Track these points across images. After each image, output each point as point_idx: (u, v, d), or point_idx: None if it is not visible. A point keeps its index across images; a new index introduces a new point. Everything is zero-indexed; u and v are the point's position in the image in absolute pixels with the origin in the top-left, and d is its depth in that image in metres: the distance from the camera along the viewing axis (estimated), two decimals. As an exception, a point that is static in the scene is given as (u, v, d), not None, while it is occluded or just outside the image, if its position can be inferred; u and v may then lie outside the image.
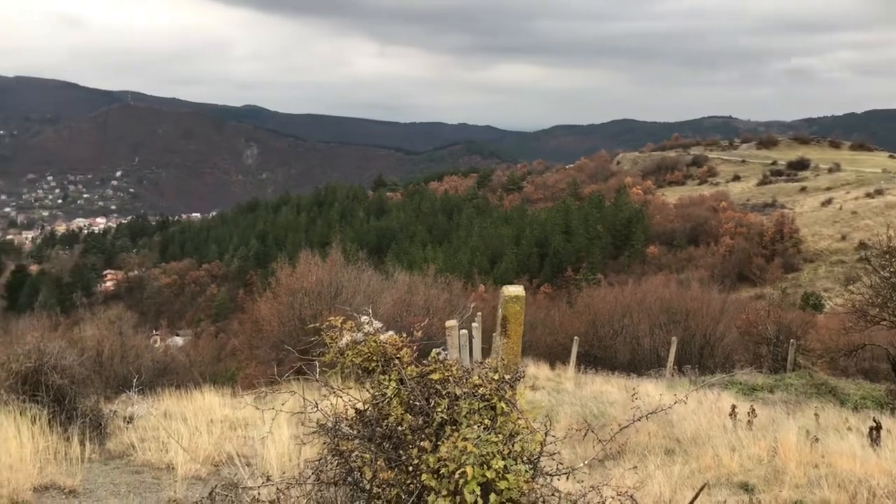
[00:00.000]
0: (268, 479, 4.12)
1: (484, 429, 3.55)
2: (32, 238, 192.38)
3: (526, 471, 3.49)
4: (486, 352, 15.36)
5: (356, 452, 3.76)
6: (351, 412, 4.00)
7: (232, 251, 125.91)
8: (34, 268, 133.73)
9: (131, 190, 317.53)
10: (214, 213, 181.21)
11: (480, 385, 3.76)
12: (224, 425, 10.83)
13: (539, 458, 3.73)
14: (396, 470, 3.57)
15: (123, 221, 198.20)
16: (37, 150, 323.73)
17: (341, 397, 4.09)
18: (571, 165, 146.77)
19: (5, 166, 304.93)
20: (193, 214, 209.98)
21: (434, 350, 4.06)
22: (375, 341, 3.96)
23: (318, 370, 4.10)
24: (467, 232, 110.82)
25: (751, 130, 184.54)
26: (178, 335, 70.18)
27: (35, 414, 7.60)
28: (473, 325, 13.72)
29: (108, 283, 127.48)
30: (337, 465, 3.83)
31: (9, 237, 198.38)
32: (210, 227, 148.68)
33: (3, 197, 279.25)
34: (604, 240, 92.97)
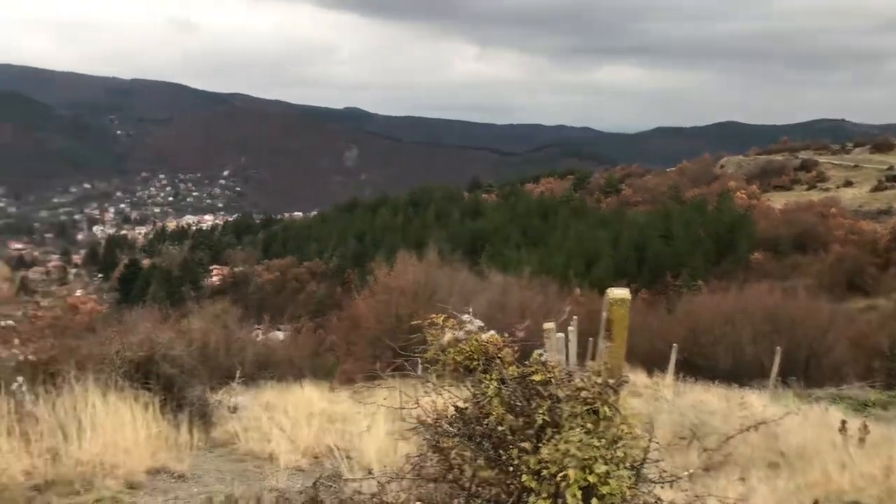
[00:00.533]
0: (369, 473, 4.19)
1: (586, 433, 3.50)
2: (145, 233, 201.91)
3: (629, 477, 3.43)
4: (581, 356, 15.15)
5: (456, 450, 3.78)
6: (451, 410, 4.03)
7: (331, 250, 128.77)
8: (146, 262, 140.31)
9: (237, 189, 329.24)
10: (315, 213, 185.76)
11: (583, 388, 3.71)
12: (323, 418, 11.09)
13: (642, 464, 3.65)
14: (496, 469, 3.57)
15: (229, 219, 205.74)
16: (150, 149, 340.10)
17: (441, 395, 4.12)
18: (672, 168, 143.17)
19: (121, 165, 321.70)
20: (295, 213, 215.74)
21: (535, 351, 4.04)
22: (477, 340, 3.97)
23: (419, 367, 4.14)
24: (563, 234, 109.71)
25: (864, 134, 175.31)
26: (278, 330, 72.22)
27: (147, 401, 7.96)
28: (570, 328, 13.57)
29: (214, 278, 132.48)
30: (437, 462, 3.86)
31: (123, 232, 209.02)
32: (311, 226, 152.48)
33: (119, 194, 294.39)
34: (705, 245, 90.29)
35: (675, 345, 21.23)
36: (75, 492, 5.87)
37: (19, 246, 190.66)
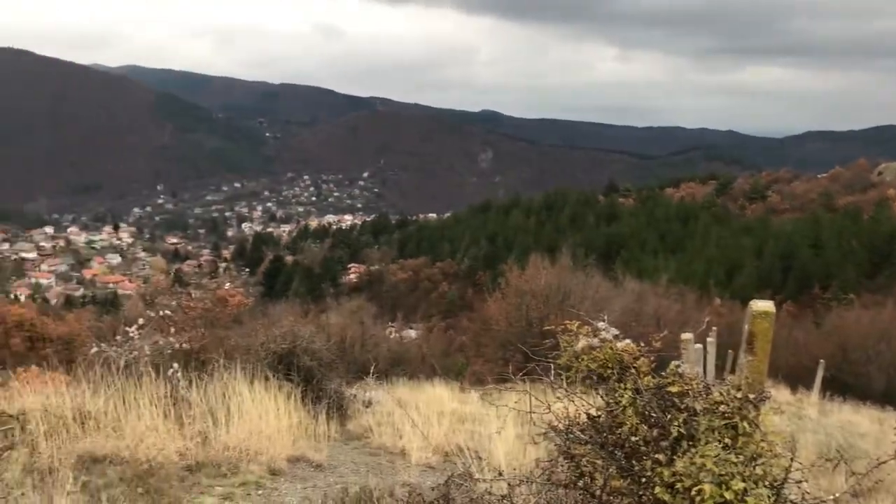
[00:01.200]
0: (499, 474, 4.24)
1: (723, 448, 3.40)
2: (289, 231, 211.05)
3: (768, 496, 3.30)
4: (720, 369, 14.59)
5: (587, 457, 3.76)
6: (583, 417, 4.01)
7: (463, 251, 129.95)
8: (289, 258, 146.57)
9: (375, 190, 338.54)
10: (449, 214, 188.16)
11: (722, 402, 3.60)
12: (453, 418, 11.23)
13: (783, 484, 3.51)
14: (629, 480, 3.53)
15: (367, 219, 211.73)
16: (296, 151, 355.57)
17: (573, 401, 4.10)
18: (824, 175, 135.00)
19: (269, 166, 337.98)
20: (430, 214, 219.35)
21: (673, 362, 3.96)
22: (612, 348, 3.93)
23: (551, 372, 4.14)
24: (703, 242, 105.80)
25: None
26: (411, 328, 73.75)
27: (289, 392, 8.34)
28: (708, 339, 13.09)
29: (352, 276, 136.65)
30: (567, 468, 3.86)
31: (269, 230, 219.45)
32: (444, 227, 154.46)
33: (266, 193, 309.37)
34: (859, 256, 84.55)
35: (822, 361, 20.06)
36: (222, 474, 6.25)
37: (175, 240, 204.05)
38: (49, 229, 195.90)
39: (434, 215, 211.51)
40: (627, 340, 4.11)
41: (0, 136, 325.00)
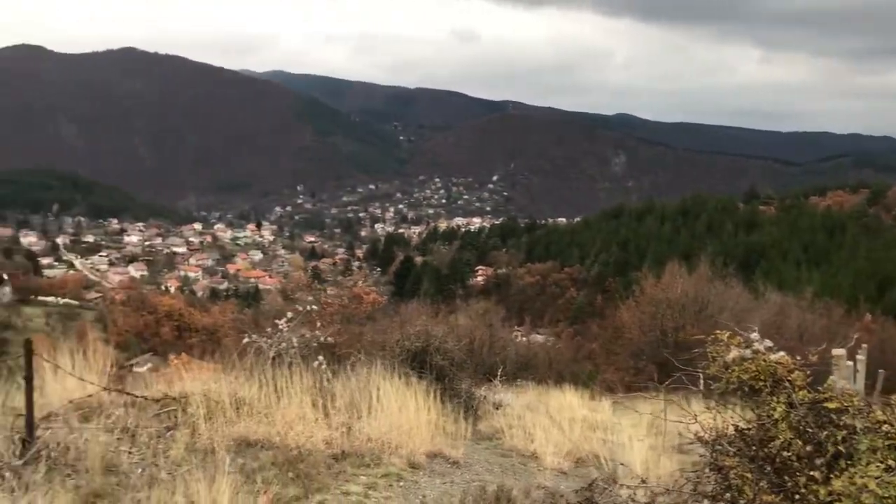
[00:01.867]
0: (642, 482, 4.21)
1: (886, 469, 3.25)
2: (419, 233, 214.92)
3: (935, 524, 3.12)
4: (869, 388, 13.72)
5: (736, 470, 3.68)
6: (731, 429, 3.92)
7: (593, 256, 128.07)
8: (419, 259, 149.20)
9: (505, 193, 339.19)
10: (579, 219, 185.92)
11: (885, 422, 3.45)
12: (584, 425, 11.15)
13: (951, 513, 3.30)
14: (780, 495, 3.43)
15: (496, 222, 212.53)
16: (428, 154, 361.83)
17: (721, 413, 4.03)
18: None
19: (402, 168, 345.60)
20: (559, 219, 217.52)
21: (830, 378, 3.81)
22: (765, 360, 3.83)
23: (699, 382, 4.08)
24: (851, 254, 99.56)
25: None
26: (538, 333, 73.40)
27: (425, 388, 8.56)
28: (858, 356, 12.36)
29: (479, 278, 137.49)
30: (714, 481, 3.79)
31: (400, 230, 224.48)
32: (574, 232, 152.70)
33: (399, 195, 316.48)
34: None
35: None
36: (366, 465, 6.51)
37: (312, 239, 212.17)
38: (198, 226, 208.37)
39: (563, 220, 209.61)
40: (781, 353, 3.99)
41: (157, 137, 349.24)
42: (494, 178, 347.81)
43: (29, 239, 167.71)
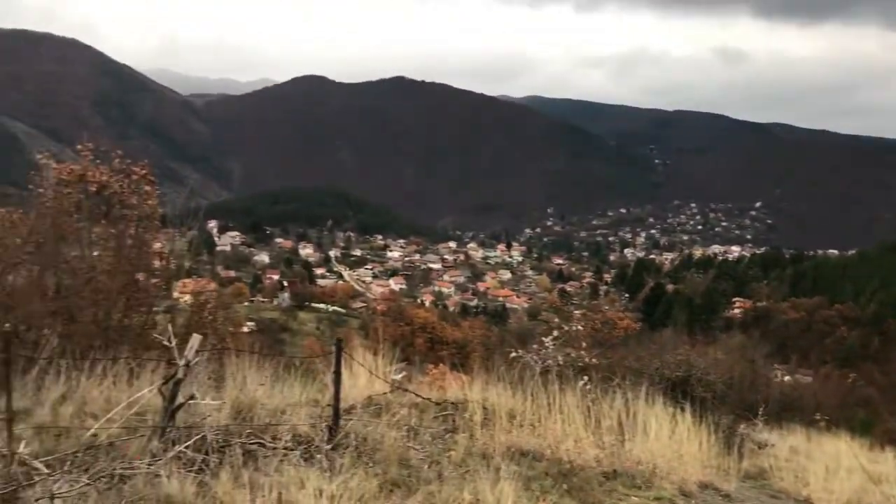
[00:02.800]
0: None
1: None
2: (671, 259, 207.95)
3: None
4: None
5: None
6: None
7: (869, 294, 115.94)
8: (670, 287, 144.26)
9: (768, 221, 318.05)
10: (853, 251, 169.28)
11: None
12: (861, 476, 10.33)
13: None
14: None
15: (757, 251, 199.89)
16: (684, 178, 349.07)
17: None
18: None
19: (656, 193, 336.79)
20: (830, 251, 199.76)
21: None
22: None
23: None
24: None
25: None
26: (802, 373, 67.91)
27: (693, 418, 8.45)
28: None
29: (736, 310, 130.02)
30: None
31: (651, 256, 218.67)
32: (847, 265, 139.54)
33: (651, 220, 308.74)
34: None
35: None
36: (637, 486, 6.62)
37: (560, 261, 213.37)
38: (452, 244, 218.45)
39: (835, 252, 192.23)
40: None
41: (421, 160, 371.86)
42: (757, 204, 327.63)
43: (306, 251, 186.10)
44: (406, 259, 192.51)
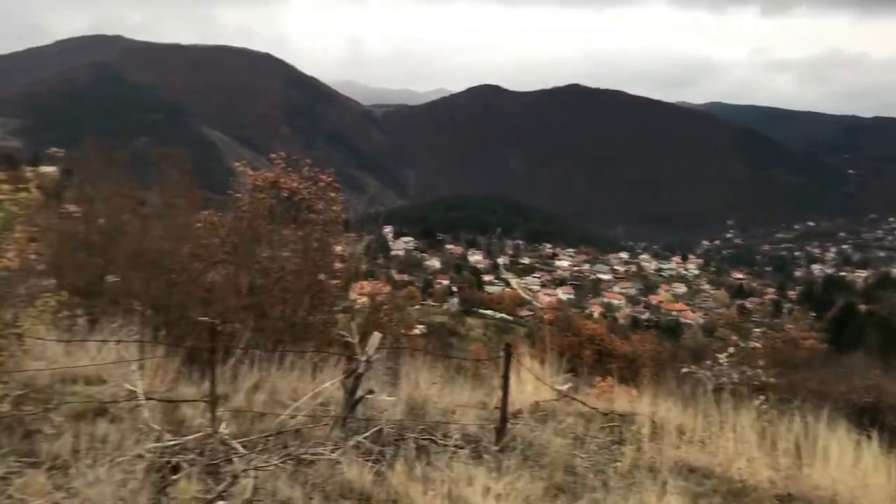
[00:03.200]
0: None
1: None
2: (865, 278, 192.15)
3: None
4: None
5: None
6: None
7: None
8: (862, 307, 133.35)
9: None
10: None
11: None
12: None
13: None
14: None
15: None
16: (882, 190, 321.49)
17: None
18: None
19: (849, 205, 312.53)
20: None
21: None
22: None
23: None
24: None
25: None
26: None
27: (877, 447, 7.86)
28: None
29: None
30: None
31: (842, 274, 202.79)
32: None
33: (843, 234, 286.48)
34: None
35: None
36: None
37: (740, 275, 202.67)
38: (624, 255, 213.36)
39: None
40: None
41: (594, 168, 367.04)
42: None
43: (475, 257, 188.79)
44: (575, 269, 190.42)
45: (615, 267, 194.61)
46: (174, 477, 5.21)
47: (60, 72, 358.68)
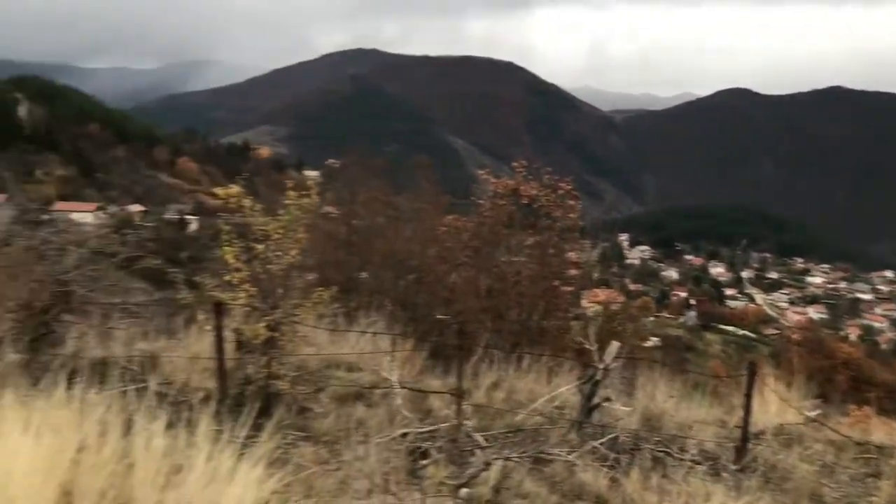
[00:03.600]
0: None
1: None
2: None
3: None
4: None
5: None
6: None
7: None
8: None
9: None
10: None
11: None
12: None
13: None
14: None
15: None
16: None
17: None
18: None
19: None
20: None
21: None
22: None
23: None
24: None
25: None
26: None
27: None
28: None
29: None
30: None
31: None
32: None
33: None
34: None
35: None
36: None
37: None
38: (889, 273, 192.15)
39: None
40: None
41: (856, 178, 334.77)
42: None
43: (716, 270, 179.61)
44: (829, 286, 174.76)
45: (878, 286, 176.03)
46: (424, 462, 5.67)
47: (325, 83, 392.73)
